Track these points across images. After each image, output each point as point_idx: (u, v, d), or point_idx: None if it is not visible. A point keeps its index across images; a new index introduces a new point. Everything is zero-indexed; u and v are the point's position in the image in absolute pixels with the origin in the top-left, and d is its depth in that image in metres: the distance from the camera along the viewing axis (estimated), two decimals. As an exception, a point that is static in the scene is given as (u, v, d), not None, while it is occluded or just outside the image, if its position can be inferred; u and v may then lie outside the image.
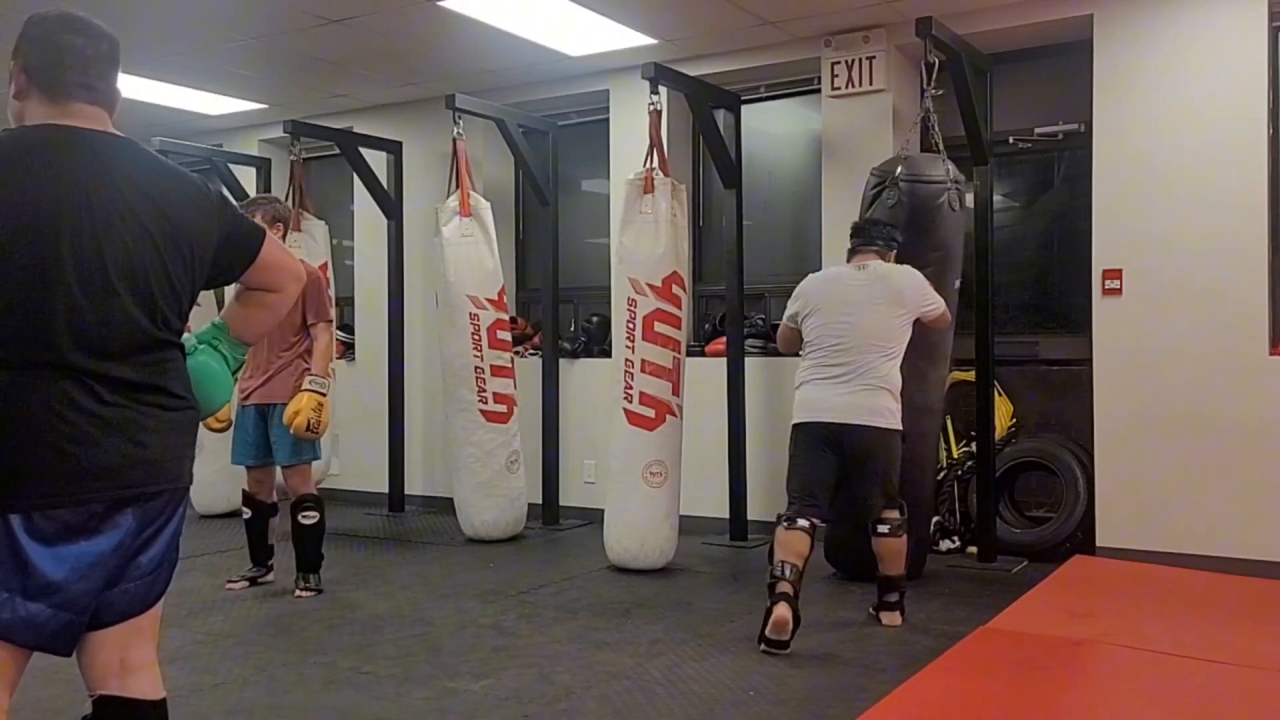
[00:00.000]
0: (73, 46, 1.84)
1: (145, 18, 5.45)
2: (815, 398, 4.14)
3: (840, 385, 4.09)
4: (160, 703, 1.93)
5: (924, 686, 3.42)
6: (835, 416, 4.08)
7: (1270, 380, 4.86)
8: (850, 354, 4.11)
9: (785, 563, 3.89)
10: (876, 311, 4.15)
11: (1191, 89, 5.02)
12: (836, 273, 4.41)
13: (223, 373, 2.06)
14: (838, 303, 4.20)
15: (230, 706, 3.33)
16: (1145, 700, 3.34)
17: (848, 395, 4.08)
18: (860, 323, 4.13)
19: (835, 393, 4.09)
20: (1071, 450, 5.45)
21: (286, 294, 2.09)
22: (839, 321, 4.15)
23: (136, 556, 1.84)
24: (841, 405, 4.07)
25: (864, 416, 4.07)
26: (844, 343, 4.12)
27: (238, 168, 7.48)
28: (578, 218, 7.03)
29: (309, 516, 4.79)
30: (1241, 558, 4.85)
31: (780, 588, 3.85)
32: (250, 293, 2.08)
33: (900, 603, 4.20)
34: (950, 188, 4.78)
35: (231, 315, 2.10)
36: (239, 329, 2.09)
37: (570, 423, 6.63)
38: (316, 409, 4.57)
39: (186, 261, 1.89)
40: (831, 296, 4.24)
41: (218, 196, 1.98)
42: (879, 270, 4.26)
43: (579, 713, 3.25)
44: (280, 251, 2.08)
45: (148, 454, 1.80)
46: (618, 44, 5.95)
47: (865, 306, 4.15)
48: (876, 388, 4.10)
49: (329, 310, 4.86)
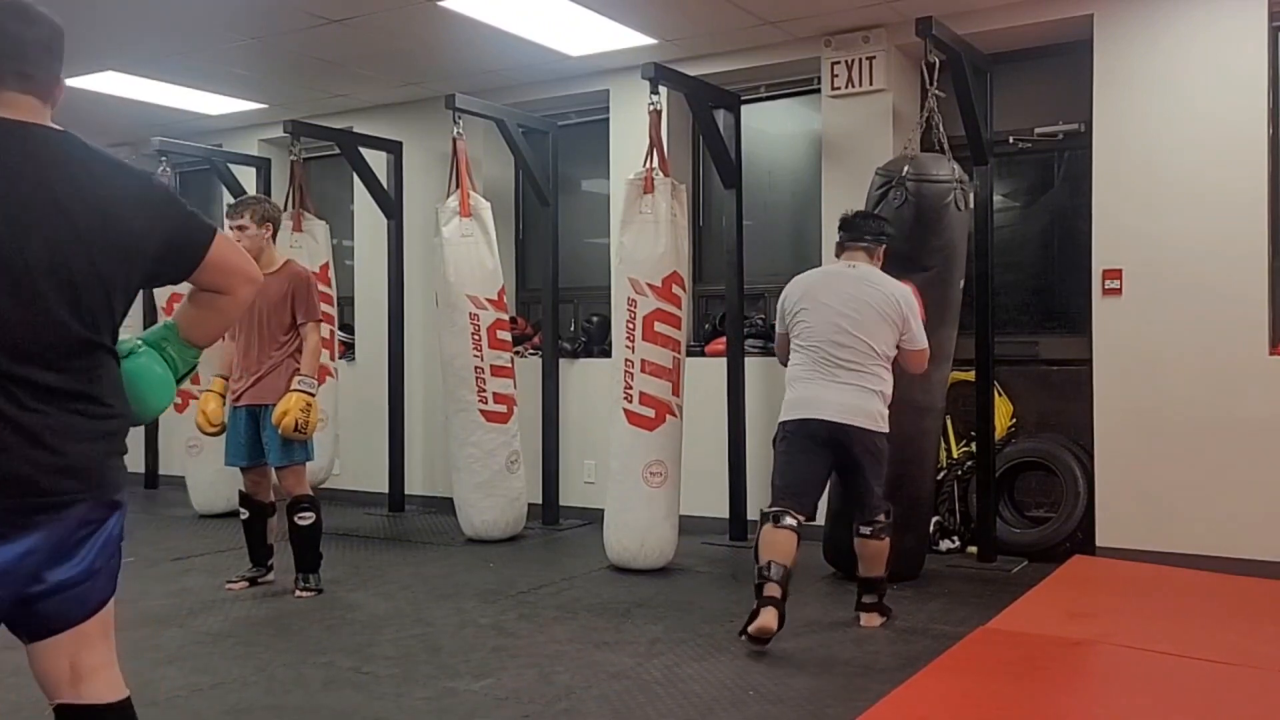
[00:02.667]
0: (7, 32, 1.75)
1: (145, 17, 5.46)
2: (813, 397, 4.02)
3: (840, 386, 3.99)
4: (119, 704, 1.87)
5: (924, 686, 3.42)
6: (836, 416, 3.97)
7: (1270, 380, 4.86)
8: (848, 352, 4.01)
9: (773, 563, 3.80)
10: (873, 315, 4.05)
11: (1191, 89, 5.02)
12: (826, 270, 4.30)
13: (164, 377, 1.97)
14: (833, 300, 4.08)
15: (230, 706, 3.33)
16: (1145, 700, 3.34)
17: (848, 396, 3.99)
18: (859, 322, 4.03)
19: (835, 393, 3.99)
20: (1071, 450, 5.45)
21: (238, 297, 1.98)
22: (835, 320, 4.04)
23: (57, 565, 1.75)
24: (842, 405, 3.98)
25: (861, 419, 3.99)
26: (842, 340, 4.02)
27: (238, 168, 7.48)
28: (578, 218, 7.03)
29: (305, 517, 4.79)
30: (1241, 558, 4.84)
31: (768, 590, 3.77)
32: (201, 294, 1.98)
33: (880, 604, 4.14)
34: (956, 187, 4.78)
35: (181, 316, 2.01)
36: (188, 331, 2.00)
37: (570, 423, 6.63)
38: (305, 409, 4.56)
39: (121, 260, 1.79)
40: (825, 293, 4.12)
41: (162, 192, 1.89)
42: (872, 275, 4.15)
43: (579, 713, 3.25)
44: (233, 252, 1.99)
45: (64, 462, 1.72)
46: (618, 44, 5.95)
47: (863, 308, 4.05)
48: (874, 392, 4.03)
49: (319, 310, 4.85)
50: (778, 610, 3.75)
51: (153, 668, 3.72)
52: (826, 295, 4.11)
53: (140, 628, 4.26)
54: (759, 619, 3.74)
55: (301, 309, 4.72)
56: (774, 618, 3.73)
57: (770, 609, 3.74)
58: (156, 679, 3.60)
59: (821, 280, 4.22)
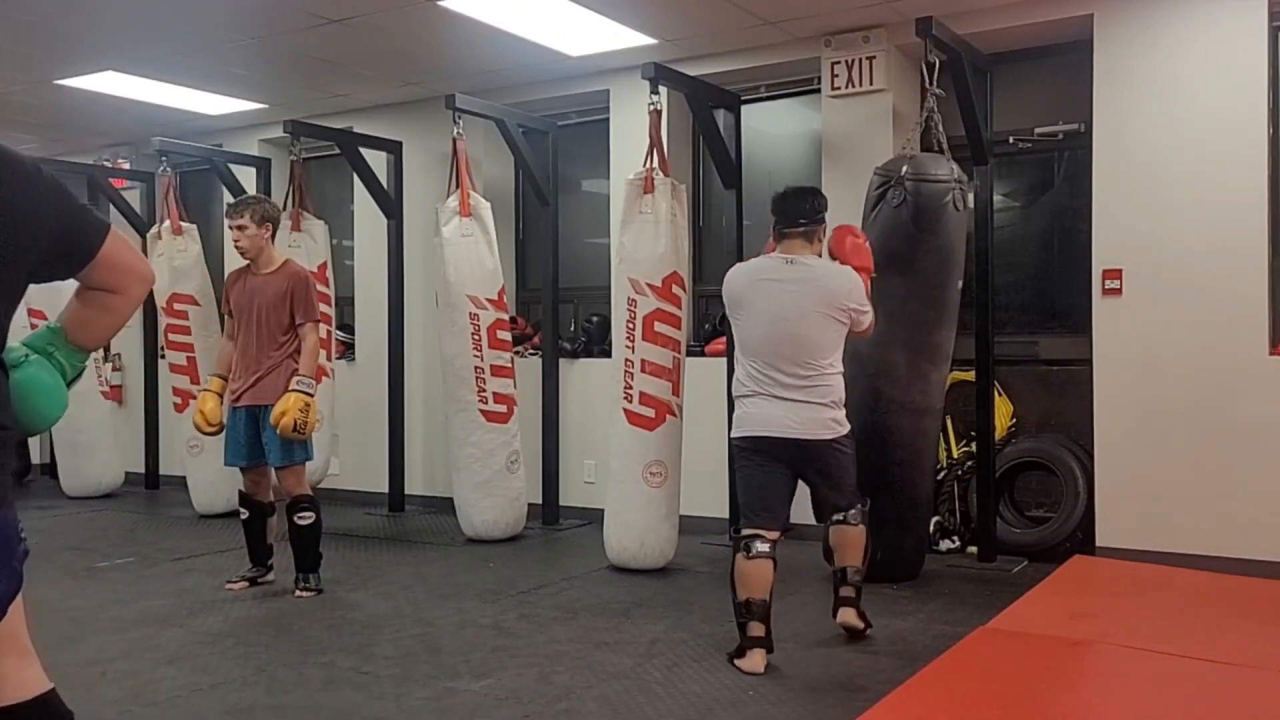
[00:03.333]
0: None
1: (145, 17, 5.46)
2: (766, 414, 3.78)
3: (791, 404, 3.75)
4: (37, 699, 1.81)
5: (924, 686, 3.42)
6: (790, 433, 3.75)
7: (1270, 380, 4.86)
8: (793, 366, 3.76)
9: (752, 600, 3.65)
10: (817, 320, 3.78)
11: (1191, 89, 5.02)
12: (762, 267, 3.93)
13: (55, 386, 1.83)
14: (774, 307, 3.80)
15: (230, 706, 3.33)
16: (1145, 700, 3.34)
17: (802, 411, 3.75)
18: (803, 335, 3.77)
19: (787, 410, 3.75)
20: (1071, 450, 5.45)
21: (129, 296, 1.86)
22: (776, 331, 3.78)
23: None
24: (795, 421, 3.75)
25: (820, 431, 3.78)
26: (785, 353, 3.76)
27: (238, 168, 7.47)
28: (578, 218, 7.03)
29: (304, 517, 4.79)
30: (1241, 558, 4.84)
31: (753, 630, 3.65)
32: (89, 293, 1.85)
33: (857, 599, 3.98)
34: (955, 187, 4.77)
35: (69, 318, 1.87)
36: (76, 333, 1.86)
37: (570, 423, 6.63)
38: (303, 410, 4.56)
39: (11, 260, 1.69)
40: (764, 299, 3.83)
41: (51, 183, 1.76)
42: (812, 270, 3.86)
43: (579, 713, 3.25)
44: (127, 250, 1.87)
45: None
46: (618, 44, 5.94)
47: (807, 314, 3.78)
48: (825, 404, 3.79)
49: (317, 310, 4.84)
50: (765, 649, 3.66)
51: (153, 668, 3.73)
52: (765, 302, 3.82)
53: (141, 628, 4.26)
54: (748, 660, 3.65)
55: (300, 309, 4.72)
56: (762, 659, 3.64)
57: (758, 651, 3.65)
58: (157, 679, 3.60)
59: (759, 284, 3.88)
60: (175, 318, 7.07)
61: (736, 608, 3.72)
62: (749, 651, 3.66)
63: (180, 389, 7.11)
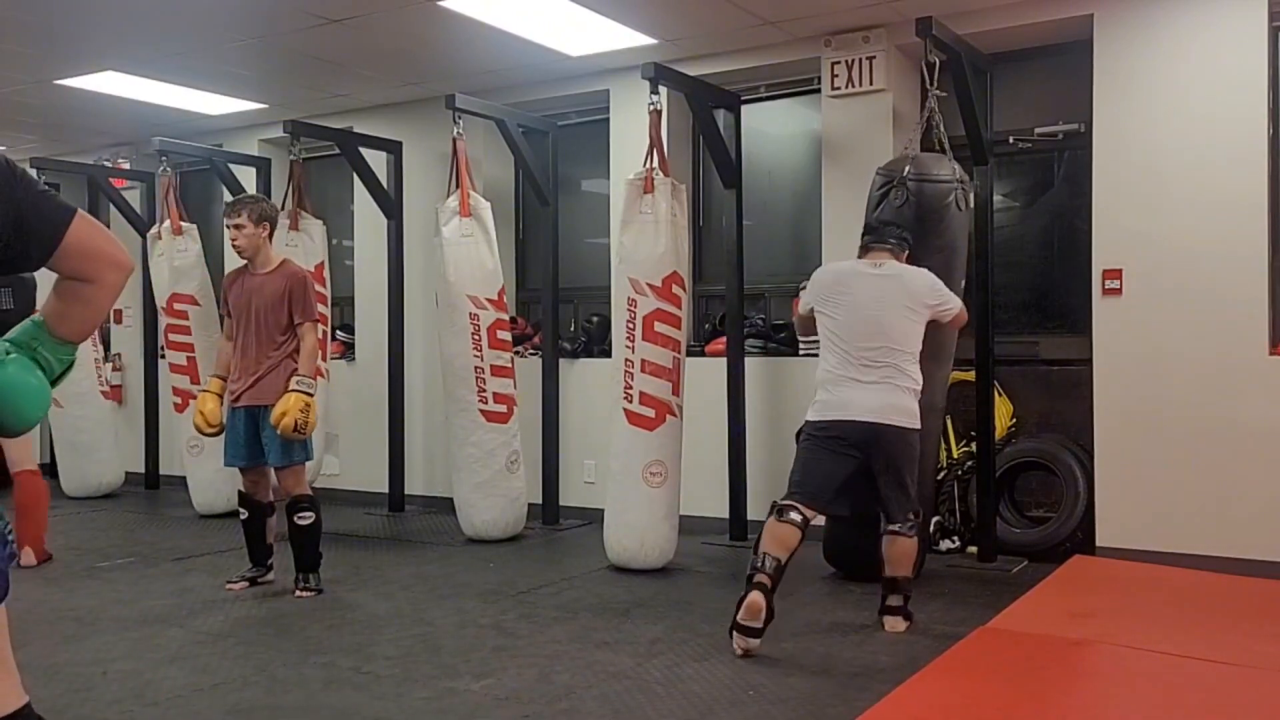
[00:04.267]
0: None
1: (145, 17, 5.46)
2: (846, 399, 4.02)
3: (874, 387, 4.00)
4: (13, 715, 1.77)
5: (924, 686, 3.42)
6: (869, 416, 3.98)
7: (1270, 380, 4.86)
8: (881, 354, 4.02)
9: (768, 555, 3.82)
10: (900, 312, 4.09)
11: (1191, 89, 5.02)
12: (854, 268, 4.27)
13: (37, 385, 1.77)
14: (862, 299, 4.10)
15: (230, 706, 3.33)
16: (1145, 700, 3.34)
17: (881, 395, 3.99)
18: (888, 322, 4.06)
19: (867, 394, 4.00)
20: (1071, 450, 5.45)
21: (104, 284, 1.79)
22: (866, 320, 4.06)
23: None
24: (875, 406, 3.98)
25: (895, 417, 4.00)
26: (874, 342, 4.03)
27: (238, 168, 7.47)
28: (578, 218, 7.03)
29: (304, 517, 4.78)
30: (1241, 558, 4.84)
31: (758, 579, 3.79)
32: (65, 283, 1.79)
33: (905, 607, 4.12)
34: (957, 187, 4.78)
35: (48, 310, 1.81)
36: (57, 327, 1.80)
37: (570, 423, 6.63)
38: (304, 410, 4.56)
39: None
40: (854, 292, 4.13)
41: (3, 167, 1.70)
42: (896, 269, 4.20)
43: (579, 713, 3.25)
44: (97, 234, 1.79)
45: None
46: (618, 44, 5.94)
47: (890, 306, 4.08)
48: (906, 389, 4.04)
49: (316, 310, 4.84)
50: (765, 596, 3.73)
51: (153, 668, 3.72)
52: (854, 294, 4.12)
53: (141, 627, 4.26)
54: (747, 599, 3.73)
55: (299, 309, 4.72)
56: (761, 599, 3.71)
57: (757, 592, 3.73)
58: (157, 679, 3.60)
59: (851, 278, 4.20)
60: (175, 318, 7.06)
61: (751, 562, 3.84)
62: (749, 593, 3.74)
63: (180, 389, 7.11)
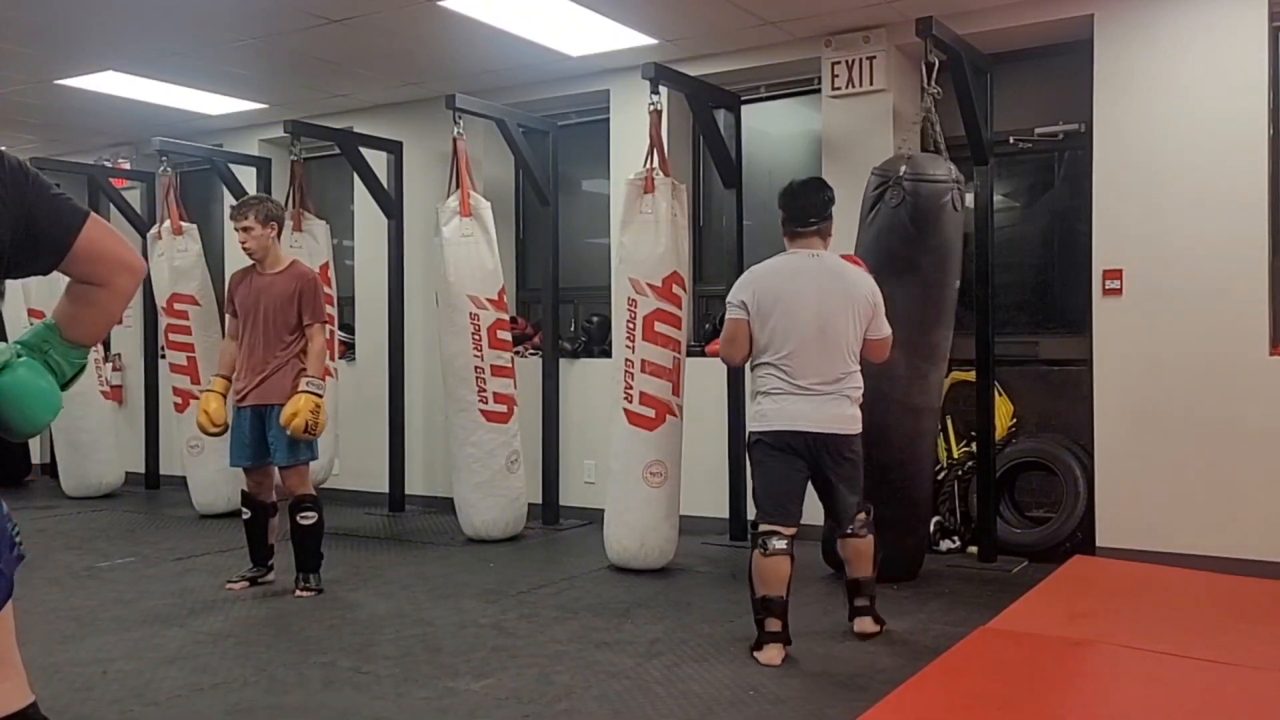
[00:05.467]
0: None
1: (145, 17, 5.46)
2: (795, 410, 3.81)
3: (818, 399, 3.80)
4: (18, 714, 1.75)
5: (924, 686, 3.42)
6: (815, 426, 3.80)
7: (1270, 380, 4.86)
8: (825, 363, 3.81)
9: (769, 597, 3.74)
10: (846, 315, 3.85)
11: (1191, 89, 5.02)
12: (790, 264, 3.94)
13: (48, 390, 1.74)
14: (806, 303, 3.83)
15: (230, 706, 3.34)
16: (1145, 700, 3.34)
17: (827, 407, 3.81)
18: (832, 325, 3.83)
19: (813, 406, 3.80)
20: (1071, 450, 5.45)
21: (115, 289, 1.77)
22: (809, 327, 3.81)
23: None
24: (822, 416, 3.81)
25: (846, 425, 3.86)
26: (817, 350, 3.80)
27: (238, 168, 7.48)
28: (578, 218, 7.03)
29: (307, 517, 4.79)
30: (1241, 558, 4.84)
31: (770, 626, 3.74)
32: (76, 286, 1.77)
33: (872, 608, 4.04)
34: (953, 187, 4.77)
35: (60, 313, 1.79)
36: (68, 330, 1.78)
37: (570, 423, 6.63)
38: (314, 411, 4.58)
39: None
40: (796, 296, 3.84)
41: (15, 169, 1.67)
42: (836, 266, 3.95)
43: (579, 713, 3.25)
44: (110, 238, 1.77)
45: None
46: (618, 44, 5.94)
47: (834, 307, 3.84)
48: (850, 398, 3.87)
49: (325, 311, 4.85)
50: (783, 645, 3.76)
51: (154, 667, 3.73)
52: (797, 299, 3.84)
53: (141, 627, 4.26)
54: (765, 654, 3.73)
55: (308, 310, 4.72)
56: (779, 653, 3.73)
57: (775, 645, 3.74)
58: (158, 679, 3.60)
59: (791, 280, 3.89)
60: (175, 318, 7.07)
61: (754, 604, 3.80)
62: (766, 646, 3.75)
63: (180, 389, 7.11)
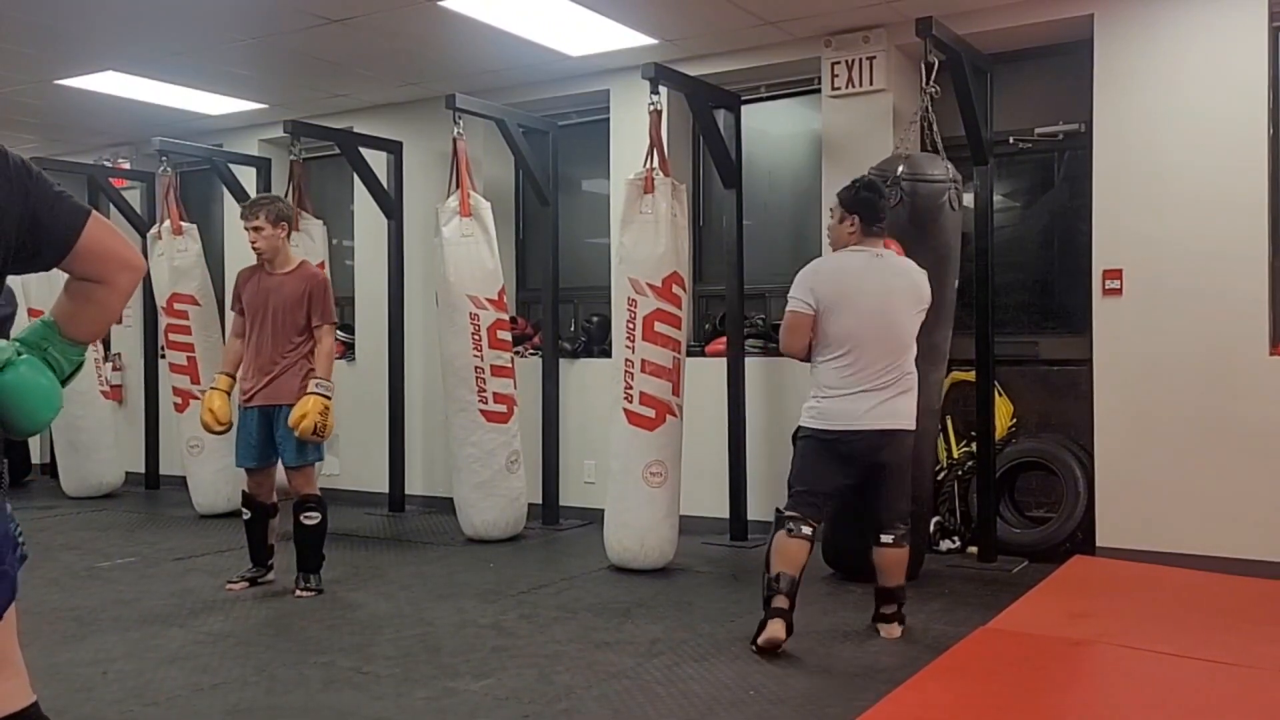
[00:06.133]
0: None
1: (145, 17, 5.46)
2: (857, 408, 3.82)
3: (880, 393, 3.84)
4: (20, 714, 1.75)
5: (924, 686, 3.42)
6: (875, 423, 3.83)
7: (1270, 380, 4.86)
8: (889, 357, 3.86)
9: (784, 574, 3.79)
10: (908, 312, 3.93)
11: (1191, 89, 5.02)
12: (857, 263, 3.94)
13: (49, 387, 1.73)
14: (870, 301, 3.86)
15: (230, 706, 3.34)
16: (1145, 700, 3.34)
17: (889, 402, 3.85)
18: (896, 321, 3.89)
19: (874, 401, 3.83)
20: (1071, 450, 5.45)
21: (116, 287, 1.77)
22: (874, 324, 3.85)
23: None
24: (885, 412, 3.85)
25: (903, 421, 3.90)
26: (888, 345, 3.85)
27: (238, 168, 7.47)
28: (578, 218, 7.03)
29: (311, 517, 4.79)
30: (1241, 558, 4.84)
31: (776, 602, 3.78)
32: (75, 284, 1.77)
33: (899, 613, 4.08)
34: (951, 186, 4.78)
35: (58, 311, 1.79)
36: (67, 327, 1.78)
37: (570, 423, 6.63)
38: (323, 412, 4.58)
39: None
40: (861, 293, 3.87)
41: (19, 167, 1.67)
42: (900, 264, 4.02)
43: (579, 713, 3.25)
44: (110, 236, 1.77)
45: None
46: (618, 44, 5.94)
47: (896, 304, 3.91)
48: (911, 392, 3.94)
49: (333, 312, 4.85)
50: (785, 621, 3.77)
51: (154, 667, 3.73)
52: (862, 296, 3.87)
53: (142, 627, 4.26)
54: (767, 630, 3.76)
55: (317, 311, 4.71)
56: (782, 629, 3.75)
57: (778, 620, 3.75)
58: (158, 679, 3.60)
59: (856, 278, 3.90)
60: (175, 318, 7.06)
61: (767, 582, 3.83)
62: (769, 622, 3.75)
63: (180, 389, 7.11)
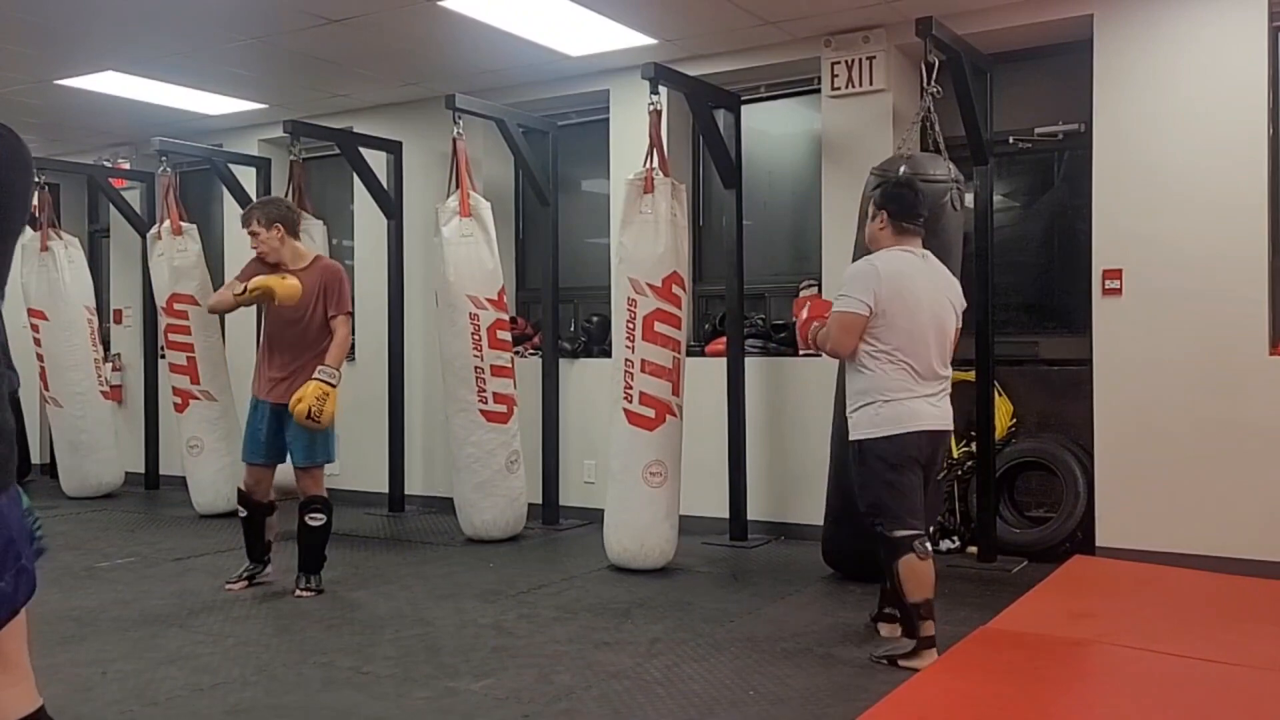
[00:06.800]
0: None
1: (145, 17, 5.46)
2: (915, 410, 3.76)
3: (936, 397, 3.82)
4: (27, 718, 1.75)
5: (924, 686, 3.42)
6: (935, 424, 3.81)
7: (1270, 380, 4.86)
8: (940, 360, 3.82)
9: (930, 601, 3.71)
10: (950, 312, 3.88)
11: (1191, 89, 5.02)
12: (909, 263, 3.84)
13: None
14: (922, 303, 3.79)
15: (230, 706, 3.34)
16: (1145, 700, 3.34)
17: (943, 404, 3.85)
18: (948, 324, 3.85)
19: (931, 404, 3.80)
20: (1071, 450, 5.45)
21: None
22: (927, 326, 3.78)
23: None
24: (939, 413, 3.83)
25: (949, 422, 3.90)
26: (934, 350, 3.79)
27: (238, 168, 7.48)
28: (578, 218, 7.03)
29: (316, 518, 4.77)
30: (1241, 558, 4.84)
31: (926, 630, 3.69)
32: None
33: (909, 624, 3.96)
34: (952, 186, 4.77)
35: None
36: None
37: (570, 423, 6.63)
38: (321, 398, 4.51)
39: None
40: (913, 295, 3.79)
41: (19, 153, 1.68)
42: (941, 267, 3.96)
43: (579, 713, 3.25)
44: None
45: None
46: (618, 44, 5.94)
47: (944, 306, 3.85)
48: (949, 393, 3.93)
49: (349, 303, 4.81)
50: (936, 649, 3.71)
51: (154, 667, 3.73)
52: (915, 298, 3.79)
53: (141, 627, 4.26)
54: (923, 659, 3.66)
55: (333, 302, 4.69)
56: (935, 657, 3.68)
57: (932, 651, 3.68)
58: (157, 679, 3.60)
59: (911, 280, 3.81)
60: (175, 318, 7.06)
61: (914, 608, 3.71)
62: (924, 652, 3.68)
63: (180, 389, 7.11)
